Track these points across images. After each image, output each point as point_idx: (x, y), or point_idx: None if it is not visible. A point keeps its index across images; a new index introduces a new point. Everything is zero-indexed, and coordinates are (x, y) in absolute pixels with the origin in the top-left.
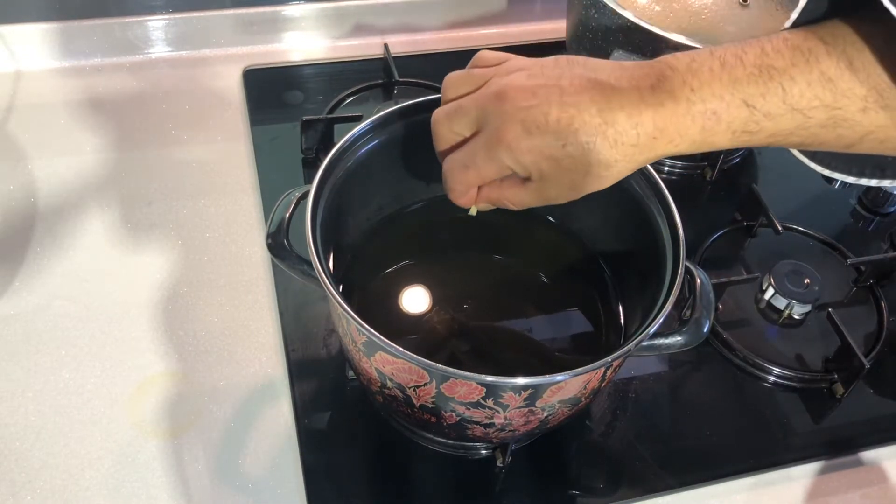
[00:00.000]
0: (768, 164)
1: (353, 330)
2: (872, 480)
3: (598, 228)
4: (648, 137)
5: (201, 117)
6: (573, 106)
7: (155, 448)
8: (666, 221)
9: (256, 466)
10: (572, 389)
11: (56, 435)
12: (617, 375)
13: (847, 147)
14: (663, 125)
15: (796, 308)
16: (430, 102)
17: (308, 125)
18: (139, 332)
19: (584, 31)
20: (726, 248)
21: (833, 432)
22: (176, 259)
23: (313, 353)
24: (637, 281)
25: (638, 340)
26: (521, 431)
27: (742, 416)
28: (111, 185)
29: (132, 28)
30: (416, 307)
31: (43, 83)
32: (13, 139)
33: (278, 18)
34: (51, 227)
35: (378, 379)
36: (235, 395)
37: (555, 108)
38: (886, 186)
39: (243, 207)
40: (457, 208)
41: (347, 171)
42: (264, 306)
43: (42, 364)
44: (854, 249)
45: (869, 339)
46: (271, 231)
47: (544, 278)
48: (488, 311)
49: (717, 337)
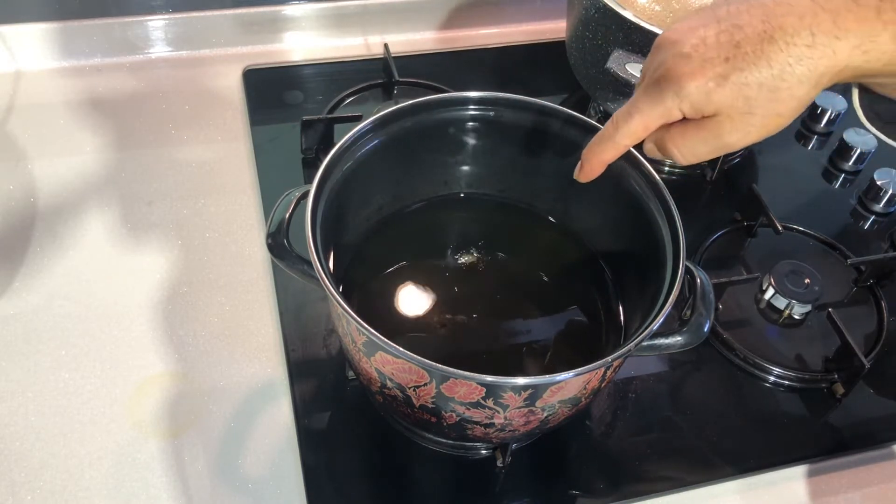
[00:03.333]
0: (768, 164)
1: (353, 330)
2: (872, 480)
3: (598, 228)
4: (829, 37)
5: (201, 117)
6: (731, 23)
7: (155, 448)
8: (666, 221)
9: (256, 466)
10: (572, 389)
11: (56, 435)
12: (617, 375)
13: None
14: (847, 25)
15: (796, 308)
16: (430, 102)
17: (308, 125)
18: (139, 332)
19: (584, 31)
20: (726, 248)
21: (833, 432)
22: (176, 259)
23: (313, 353)
24: (637, 281)
25: (638, 340)
26: (521, 431)
27: (742, 416)
28: (111, 185)
29: (132, 28)
30: (415, 307)
31: (43, 83)
32: (13, 139)
33: (278, 18)
34: (51, 227)
35: (378, 379)
36: (235, 395)
37: (712, 30)
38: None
39: (243, 207)
40: (456, 208)
41: (347, 171)
42: (264, 306)
43: (42, 364)
44: (854, 249)
45: (869, 339)
46: (271, 231)
47: (544, 278)
48: (488, 310)
49: (717, 337)
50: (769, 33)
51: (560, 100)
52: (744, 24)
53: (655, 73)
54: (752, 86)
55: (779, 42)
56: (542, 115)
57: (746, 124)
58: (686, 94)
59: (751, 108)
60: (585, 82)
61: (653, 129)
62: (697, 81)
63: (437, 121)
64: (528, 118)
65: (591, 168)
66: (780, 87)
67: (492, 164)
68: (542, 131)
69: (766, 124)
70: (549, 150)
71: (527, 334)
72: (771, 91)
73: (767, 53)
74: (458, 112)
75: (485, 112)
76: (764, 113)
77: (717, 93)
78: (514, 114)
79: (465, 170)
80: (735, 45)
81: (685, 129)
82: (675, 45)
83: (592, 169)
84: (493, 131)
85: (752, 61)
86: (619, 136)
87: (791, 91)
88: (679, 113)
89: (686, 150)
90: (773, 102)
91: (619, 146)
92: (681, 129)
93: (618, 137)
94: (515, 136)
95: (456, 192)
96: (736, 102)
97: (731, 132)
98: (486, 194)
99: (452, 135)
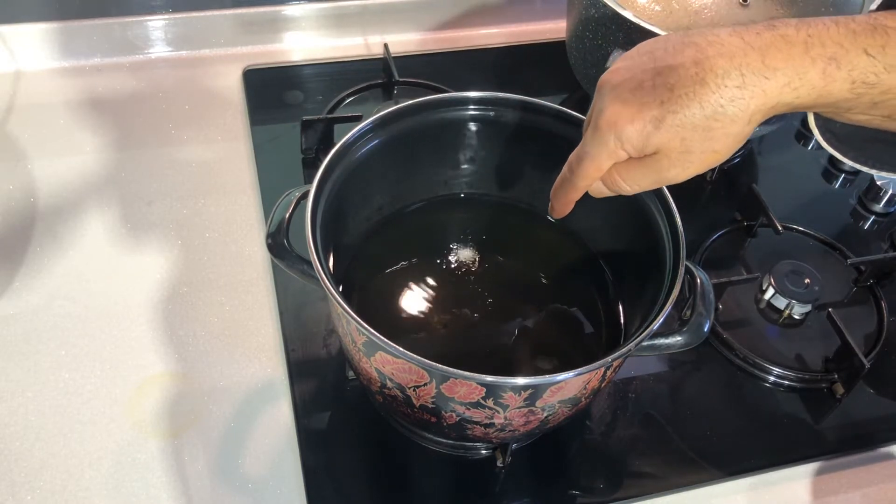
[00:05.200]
0: (768, 164)
1: (353, 330)
2: (872, 480)
3: (598, 228)
4: (758, 76)
5: (201, 117)
6: (666, 64)
7: (155, 448)
8: (666, 221)
9: (256, 466)
10: (572, 389)
11: (56, 435)
12: (617, 375)
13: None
14: (775, 64)
15: (796, 308)
16: (430, 102)
17: (308, 125)
18: (139, 332)
19: (584, 31)
20: (726, 248)
21: (833, 432)
22: (176, 259)
23: (313, 353)
24: (637, 281)
25: (638, 340)
26: (521, 431)
27: (742, 416)
28: (111, 185)
29: (132, 28)
30: (415, 307)
31: (43, 83)
32: (13, 139)
33: (278, 18)
34: (51, 227)
35: (378, 379)
36: (235, 395)
37: (648, 74)
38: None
39: (243, 207)
40: (456, 208)
41: (347, 171)
42: (264, 306)
43: (42, 364)
44: (854, 249)
45: (869, 339)
46: (271, 231)
47: (544, 278)
48: (488, 310)
49: (717, 337)
50: (700, 76)
51: (560, 100)
52: (677, 65)
53: (598, 117)
54: (687, 127)
55: (710, 84)
56: (541, 115)
57: (685, 161)
58: (627, 138)
59: (687, 147)
60: (585, 82)
61: (605, 169)
62: (636, 126)
63: (437, 121)
64: (528, 118)
65: (561, 207)
66: (714, 126)
67: (492, 164)
68: (542, 131)
69: (704, 160)
70: (549, 149)
71: (526, 334)
72: (705, 131)
73: (700, 96)
74: (458, 112)
75: (485, 112)
76: (701, 150)
77: (655, 135)
78: (514, 114)
79: (465, 170)
80: (669, 88)
81: (629, 164)
82: (614, 89)
83: (562, 208)
84: (493, 131)
85: (685, 104)
86: (576, 179)
87: (725, 130)
88: (624, 154)
89: (631, 181)
90: (708, 141)
91: (578, 188)
92: (625, 164)
93: (575, 180)
94: (515, 136)
95: (456, 192)
96: (672, 143)
97: (671, 168)
98: (486, 194)
99: (452, 135)
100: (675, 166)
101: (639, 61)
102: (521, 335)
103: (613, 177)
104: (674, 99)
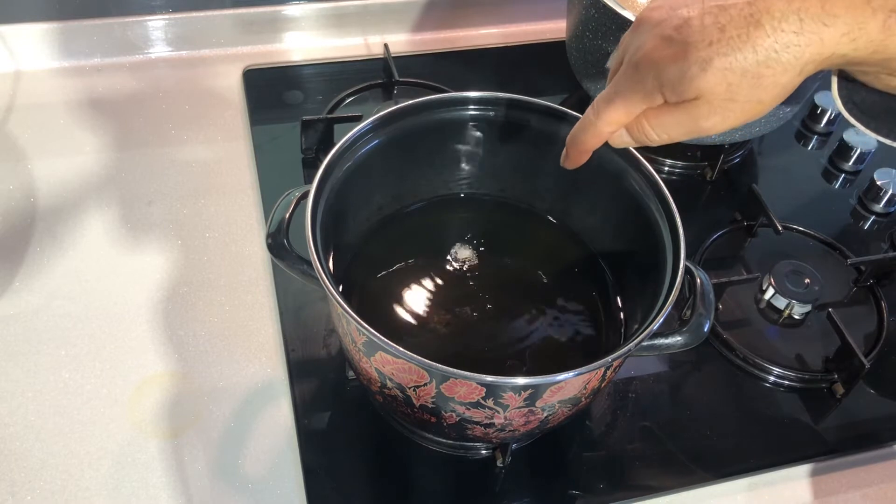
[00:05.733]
0: (768, 164)
1: (353, 330)
2: (872, 480)
3: (598, 228)
4: (817, 23)
5: (201, 117)
6: (716, 4)
7: (155, 448)
8: (666, 221)
9: (256, 466)
10: (572, 389)
11: (56, 435)
12: (617, 375)
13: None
14: (835, 11)
15: (796, 308)
16: (430, 102)
17: (308, 125)
18: (139, 332)
19: (584, 31)
20: (726, 248)
21: (833, 432)
22: (176, 259)
23: (313, 353)
24: (637, 281)
25: (638, 340)
26: (521, 431)
27: (742, 416)
28: (111, 185)
29: (132, 28)
30: (415, 307)
31: (43, 83)
32: (13, 139)
33: (278, 18)
34: (51, 227)
35: (378, 379)
36: (235, 395)
37: (696, 11)
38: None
39: (243, 207)
40: (456, 208)
41: (347, 171)
42: (264, 306)
43: (42, 364)
44: (854, 249)
45: (869, 339)
46: (271, 231)
47: (544, 278)
48: (488, 310)
49: (717, 337)
50: (756, 17)
51: (560, 100)
52: (729, 6)
53: (635, 55)
54: (736, 72)
55: (765, 27)
56: (542, 115)
57: (726, 110)
58: (668, 79)
59: (732, 94)
60: (585, 82)
61: (635, 114)
62: (680, 66)
63: (437, 121)
64: (527, 118)
65: (576, 156)
66: (765, 74)
67: (492, 164)
68: (542, 131)
69: (747, 110)
70: (549, 149)
71: (526, 334)
72: (755, 78)
73: (753, 39)
74: (458, 112)
75: (485, 112)
76: (745, 99)
77: (700, 78)
78: (513, 114)
79: (465, 170)
80: (720, 28)
81: (662, 109)
82: (656, 26)
83: (578, 157)
84: (492, 131)
85: (737, 46)
86: (601, 124)
87: (775, 78)
88: (661, 97)
89: (661, 130)
90: (756, 89)
91: (601, 133)
92: (657, 110)
93: (600, 125)
94: (515, 135)
95: (456, 193)
96: (718, 88)
97: (710, 116)
98: (486, 194)
99: (452, 135)
100: (716, 114)
101: (680, 2)
102: (521, 335)
103: (642, 123)
104: (724, 40)
